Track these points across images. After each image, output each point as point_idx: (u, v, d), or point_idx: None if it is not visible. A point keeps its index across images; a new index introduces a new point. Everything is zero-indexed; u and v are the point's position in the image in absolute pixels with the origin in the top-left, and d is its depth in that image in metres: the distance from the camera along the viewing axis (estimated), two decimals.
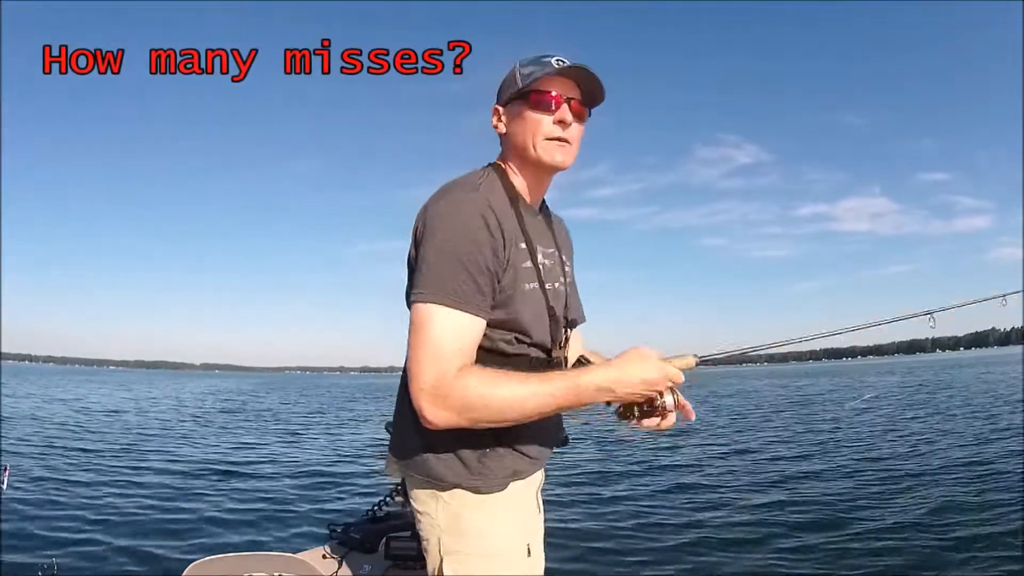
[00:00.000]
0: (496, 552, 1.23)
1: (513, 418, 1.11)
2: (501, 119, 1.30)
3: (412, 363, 1.11)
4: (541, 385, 1.11)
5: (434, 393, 1.08)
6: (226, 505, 6.26)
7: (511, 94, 1.26)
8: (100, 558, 4.48)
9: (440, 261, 1.13)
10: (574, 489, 6.86)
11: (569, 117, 1.25)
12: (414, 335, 1.12)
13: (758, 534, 5.06)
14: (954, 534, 4.78)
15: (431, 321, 1.11)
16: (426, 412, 1.09)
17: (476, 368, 1.12)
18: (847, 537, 4.86)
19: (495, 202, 1.21)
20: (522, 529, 1.29)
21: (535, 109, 1.24)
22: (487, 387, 1.09)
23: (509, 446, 1.25)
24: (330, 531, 2.38)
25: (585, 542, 4.82)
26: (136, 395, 29.48)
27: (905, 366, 66.32)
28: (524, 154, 1.27)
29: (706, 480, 7.50)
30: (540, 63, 1.25)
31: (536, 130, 1.24)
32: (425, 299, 1.12)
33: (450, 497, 1.22)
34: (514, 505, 1.27)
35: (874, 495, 6.21)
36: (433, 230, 1.16)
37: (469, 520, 1.22)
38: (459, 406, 1.08)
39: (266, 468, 8.68)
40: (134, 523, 5.42)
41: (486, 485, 1.22)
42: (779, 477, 7.51)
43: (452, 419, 1.09)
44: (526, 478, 1.30)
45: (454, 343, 1.11)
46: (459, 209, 1.17)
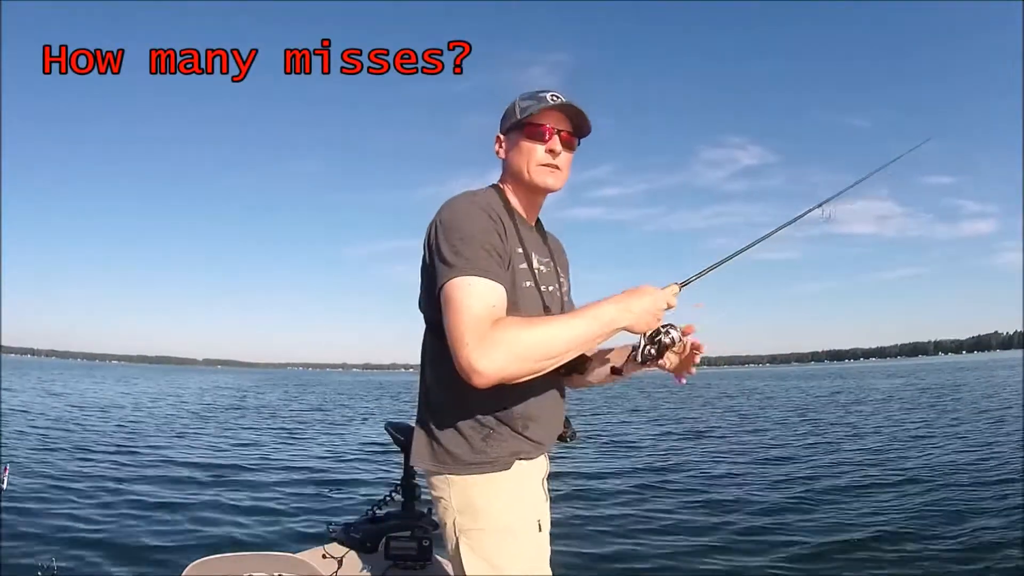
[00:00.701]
0: (506, 526, 1.33)
1: (556, 351, 1.21)
2: (502, 146, 1.48)
3: (451, 329, 1.20)
4: (569, 318, 1.27)
5: (477, 344, 1.16)
6: (226, 504, 6.27)
7: (510, 124, 1.44)
8: (100, 557, 4.48)
9: (457, 245, 1.26)
10: (577, 489, 6.86)
11: (558, 147, 1.42)
12: (449, 307, 1.22)
13: (770, 536, 5.06)
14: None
15: (460, 291, 1.22)
16: (474, 362, 1.15)
17: (510, 316, 1.24)
18: (863, 540, 4.86)
19: (494, 207, 1.37)
20: (530, 507, 1.39)
21: (530, 139, 1.42)
22: (524, 328, 1.20)
23: (511, 428, 1.36)
24: (330, 531, 2.37)
25: (589, 542, 4.85)
26: (136, 391, 29.44)
27: (910, 368, 66.15)
28: (520, 177, 1.45)
29: (727, 480, 7.51)
30: (537, 98, 1.42)
31: (530, 157, 1.42)
32: (453, 276, 1.23)
33: (460, 479, 1.34)
34: (520, 484, 1.37)
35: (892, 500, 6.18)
36: (446, 227, 1.29)
37: (478, 499, 1.33)
38: (504, 350, 1.16)
39: (266, 467, 8.70)
40: (134, 522, 5.43)
41: (492, 465, 1.34)
42: (796, 477, 7.53)
43: (502, 365, 1.16)
44: (529, 460, 1.40)
45: (486, 302, 1.21)
46: (465, 207, 1.33)
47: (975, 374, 35.92)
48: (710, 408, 20.21)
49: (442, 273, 1.26)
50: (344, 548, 2.26)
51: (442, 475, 1.36)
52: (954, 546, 4.60)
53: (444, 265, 1.26)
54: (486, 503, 1.33)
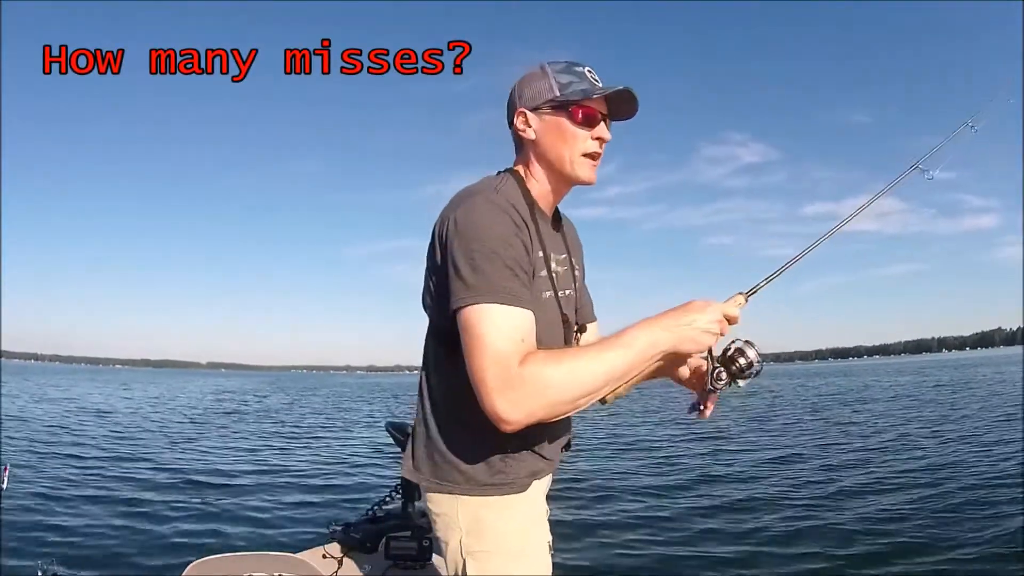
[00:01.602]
0: (519, 551, 1.24)
1: (590, 389, 1.08)
2: (529, 124, 1.27)
3: (474, 368, 1.07)
4: (602, 349, 1.10)
5: (504, 389, 1.04)
6: (226, 505, 6.27)
7: (546, 100, 1.24)
8: (100, 558, 4.49)
9: (480, 262, 1.10)
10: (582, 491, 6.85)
11: (608, 135, 1.26)
12: (469, 339, 1.09)
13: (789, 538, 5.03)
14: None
15: (484, 322, 1.08)
16: (501, 412, 1.05)
17: (538, 352, 1.09)
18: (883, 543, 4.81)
19: (517, 206, 1.20)
20: (543, 528, 1.32)
21: (578, 124, 1.23)
22: (553, 366, 1.06)
23: (528, 447, 1.26)
24: (330, 531, 2.37)
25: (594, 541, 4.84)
26: (137, 394, 29.50)
27: (918, 365, 65.94)
28: (554, 165, 1.27)
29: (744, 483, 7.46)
30: (576, 73, 1.24)
31: (575, 144, 1.24)
32: (473, 301, 1.09)
33: (471, 499, 1.23)
34: (533, 505, 1.30)
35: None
36: (464, 234, 1.13)
37: (491, 520, 1.23)
38: (532, 393, 1.05)
39: (266, 467, 8.70)
40: (134, 523, 5.43)
41: (510, 486, 1.24)
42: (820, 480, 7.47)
43: (530, 409, 1.05)
44: (542, 479, 1.32)
45: (512, 337, 1.07)
46: (487, 211, 1.15)
47: (985, 370, 35.53)
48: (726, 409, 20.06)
49: (458, 292, 1.11)
50: (344, 548, 2.26)
51: (448, 493, 1.24)
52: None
53: (460, 283, 1.11)
54: (501, 525, 1.23)
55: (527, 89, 1.27)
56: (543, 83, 1.25)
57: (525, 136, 1.28)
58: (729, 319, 1.19)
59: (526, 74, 1.28)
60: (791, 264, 1.31)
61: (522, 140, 1.30)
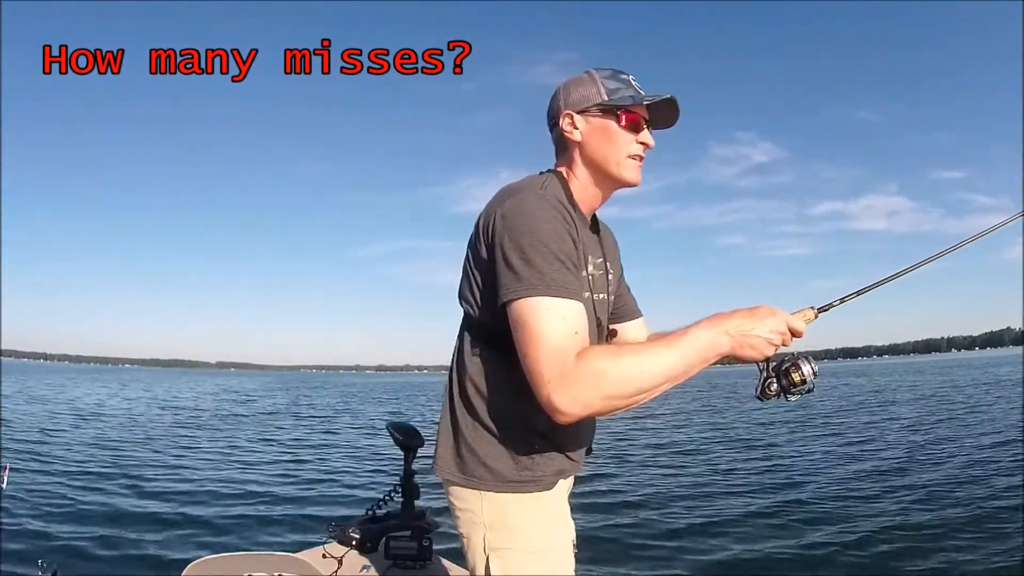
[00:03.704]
0: (545, 548, 1.24)
1: (647, 385, 1.07)
2: (576, 126, 1.29)
3: (530, 361, 1.07)
4: (662, 347, 1.09)
5: (562, 383, 1.04)
6: (226, 504, 6.28)
7: (594, 104, 1.27)
8: (100, 558, 4.50)
9: (532, 255, 1.11)
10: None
11: (652, 141, 1.30)
12: (524, 332, 1.08)
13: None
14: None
15: (539, 314, 1.08)
16: (558, 404, 1.04)
17: (595, 347, 1.10)
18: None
19: (564, 204, 1.22)
20: (566, 527, 1.32)
21: (626, 128, 1.27)
22: (612, 362, 1.06)
23: (556, 446, 1.26)
24: (330, 531, 2.37)
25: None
26: (145, 393, 29.65)
27: (928, 365, 65.47)
28: (603, 167, 1.29)
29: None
30: (622, 80, 1.28)
31: (622, 147, 1.27)
32: (527, 294, 1.09)
33: (496, 495, 1.23)
34: (560, 504, 1.30)
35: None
36: (515, 227, 1.14)
37: (516, 518, 1.23)
38: (591, 389, 1.04)
39: (266, 467, 8.73)
40: (134, 523, 5.44)
41: (536, 484, 1.24)
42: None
43: (587, 402, 1.05)
44: (568, 478, 1.33)
45: (566, 331, 1.08)
46: (537, 206, 1.16)
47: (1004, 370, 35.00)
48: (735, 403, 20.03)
49: (510, 285, 1.11)
50: (344, 548, 2.25)
51: (473, 489, 1.25)
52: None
53: (512, 275, 1.11)
54: (526, 523, 1.23)
55: (574, 92, 1.29)
56: (591, 88, 1.28)
57: (571, 138, 1.30)
58: (794, 332, 1.18)
59: (572, 79, 1.32)
60: (869, 289, 1.32)
61: (567, 142, 1.31)
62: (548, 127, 1.36)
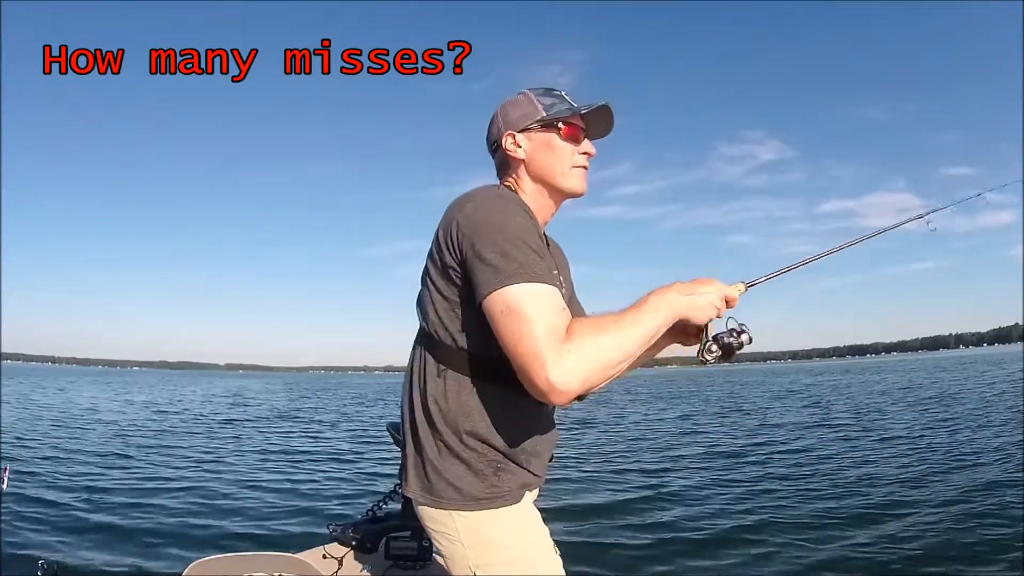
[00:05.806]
0: (526, 558, 1.26)
1: (631, 352, 1.12)
2: (519, 144, 1.34)
3: (524, 343, 1.08)
4: (636, 312, 1.14)
5: (559, 362, 1.05)
6: (226, 505, 6.28)
7: (534, 121, 1.33)
8: (100, 558, 4.49)
9: (507, 248, 1.13)
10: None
11: (592, 150, 1.36)
12: (513, 319, 1.09)
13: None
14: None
15: (524, 302, 1.10)
16: (559, 384, 1.05)
17: (576, 321, 1.12)
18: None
19: (524, 205, 1.28)
20: (543, 532, 1.33)
21: (567, 139, 1.33)
22: (599, 333, 1.09)
23: (519, 461, 1.28)
24: (330, 531, 2.36)
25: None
26: (149, 396, 29.69)
27: (942, 362, 65.05)
28: (548, 180, 1.34)
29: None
30: (556, 96, 1.35)
31: (566, 159, 1.33)
32: (510, 282, 1.11)
33: (468, 514, 1.24)
34: (528, 512, 1.32)
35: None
36: (483, 226, 1.16)
37: (492, 534, 1.25)
38: (586, 361, 1.06)
39: (266, 467, 8.73)
40: (134, 523, 5.45)
41: (504, 499, 1.25)
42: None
43: (584, 377, 1.07)
44: (533, 490, 1.35)
45: (552, 310, 1.10)
46: (501, 204, 1.21)
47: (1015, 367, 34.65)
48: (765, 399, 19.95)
49: (490, 280, 1.12)
50: (344, 548, 2.24)
51: (444, 509, 1.25)
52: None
53: (490, 269, 1.12)
54: (503, 537, 1.25)
55: (512, 113, 1.35)
56: (528, 106, 1.34)
57: (515, 156, 1.35)
58: (728, 300, 1.26)
59: (508, 100, 1.37)
60: (790, 269, 1.41)
61: (511, 161, 1.36)
62: (489, 151, 1.41)
